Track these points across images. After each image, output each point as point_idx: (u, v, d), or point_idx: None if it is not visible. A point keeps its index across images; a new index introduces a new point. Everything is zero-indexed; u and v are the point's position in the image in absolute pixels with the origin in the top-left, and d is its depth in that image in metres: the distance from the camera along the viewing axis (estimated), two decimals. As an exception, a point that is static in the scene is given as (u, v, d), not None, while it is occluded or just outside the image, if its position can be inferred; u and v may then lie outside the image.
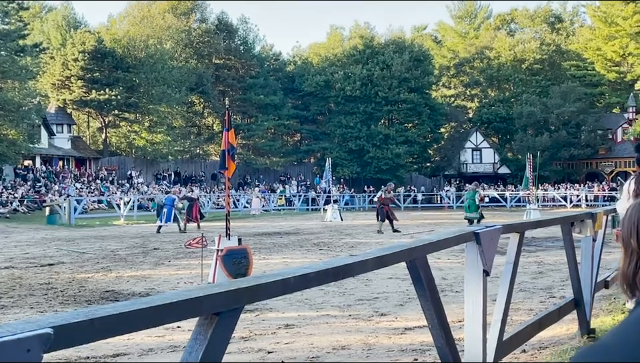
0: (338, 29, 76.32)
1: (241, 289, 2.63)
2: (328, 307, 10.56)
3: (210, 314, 2.49)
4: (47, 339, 1.86)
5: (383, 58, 66.77)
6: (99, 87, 55.49)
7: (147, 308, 2.24)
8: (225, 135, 14.60)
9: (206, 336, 2.47)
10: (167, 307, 2.29)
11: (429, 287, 4.33)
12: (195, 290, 2.54)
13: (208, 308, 2.46)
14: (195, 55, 66.46)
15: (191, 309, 2.41)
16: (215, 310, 2.48)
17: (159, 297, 2.37)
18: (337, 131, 66.76)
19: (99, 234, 28.32)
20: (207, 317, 2.49)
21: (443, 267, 14.65)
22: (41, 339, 1.84)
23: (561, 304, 7.55)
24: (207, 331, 2.48)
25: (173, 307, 2.31)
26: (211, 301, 2.45)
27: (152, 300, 2.33)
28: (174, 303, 2.32)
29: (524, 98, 67.74)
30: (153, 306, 2.25)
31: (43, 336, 1.85)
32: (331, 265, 3.33)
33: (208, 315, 2.49)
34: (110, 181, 53.76)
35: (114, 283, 13.56)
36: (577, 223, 7.74)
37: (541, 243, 20.66)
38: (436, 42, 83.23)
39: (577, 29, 77.59)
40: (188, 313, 2.42)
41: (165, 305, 2.29)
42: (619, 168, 62.90)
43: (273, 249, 20.68)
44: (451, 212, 51.79)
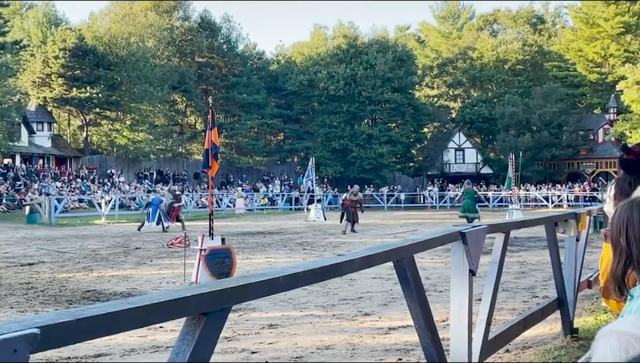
0: (321, 29, 76.32)
1: (229, 289, 2.60)
2: (312, 307, 10.54)
3: (198, 314, 2.46)
4: (34, 339, 1.83)
5: (366, 58, 66.85)
6: (79, 84, 55.09)
7: (134, 308, 2.21)
8: (208, 134, 14.54)
9: (194, 336, 2.44)
10: (154, 307, 2.27)
11: (415, 286, 4.32)
12: (182, 290, 2.51)
13: (196, 308, 2.43)
14: (178, 53, 66.18)
15: (179, 309, 2.38)
16: (202, 310, 2.45)
17: (146, 297, 2.34)
18: (320, 131, 66.76)
19: (80, 233, 28.13)
20: (195, 317, 2.47)
21: (426, 267, 14.66)
22: (27, 340, 1.81)
23: (544, 304, 7.58)
24: (195, 331, 2.45)
25: (160, 307, 2.28)
26: (199, 302, 2.43)
27: (139, 300, 2.30)
28: (161, 303, 2.29)
29: (506, 98, 68.04)
30: (140, 306, 2.22)
31: (30, 336, 1.82)
32: (319, 264, 3.31)
33: (195, 315, 2.46)
34: (91, 179, 53.44)
35: (95, 283, 13.46)
36: (561, 223, 7.77)
37: (523, 243, 20.75)
38: (419, 42, 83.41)
39: (558, 30, 78.07)
40: (176, 313, 2.39)
41: (152, 305, 2.26)
42: (600, 168, 63.36)
43: (257, 248, 20.63)
44: (434, 212, 51.96)
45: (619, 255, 2.62)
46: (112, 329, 2.21)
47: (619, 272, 2.63)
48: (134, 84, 57.35)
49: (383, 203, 59.17)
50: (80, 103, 56.18)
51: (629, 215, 2.57)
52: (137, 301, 2.28)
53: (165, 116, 63.85)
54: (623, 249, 2.58)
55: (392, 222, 35.07)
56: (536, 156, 62.75)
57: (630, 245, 2.54)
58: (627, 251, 2.57)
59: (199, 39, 65.80)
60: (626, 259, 2.59)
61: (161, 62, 61.60)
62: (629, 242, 2.55)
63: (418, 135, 72.53)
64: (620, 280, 2.63)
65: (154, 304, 2.26)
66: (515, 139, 62.47)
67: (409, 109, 67.85)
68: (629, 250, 2.56)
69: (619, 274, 2.62)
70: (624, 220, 2.58)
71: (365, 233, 27.24)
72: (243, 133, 66.29)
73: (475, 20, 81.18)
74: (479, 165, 69.12)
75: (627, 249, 2.56)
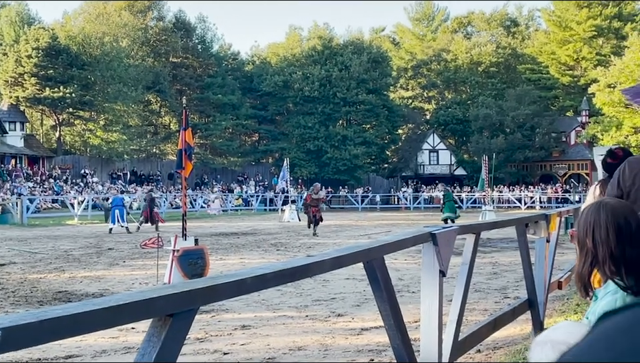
0: (297, 29, 76.28)
1: (196, 290, 2.59)
2: (285, 308, 10.54)
3: (164, 315, 2.45)
4: (-5, 340, 1.81)
5: (341, 59, 66.93)
6: (53, 84, 54.59)
7: (98, 309, 2.19)
8: (181, 135, 14.47)
9: (159, 338, 2.42)
10: (119, 308, 2.25)
11: (385, 287, 4.33)
12: (148, 291, 2.49)
13: (161, 309, 2.42)
14: (152, 53, 65.83)
15: (144, 310, 2.36)
16: (168, 311, 2.44)
17: (111, 298, 2.32)
18: (295, 132, 66.72)
19: (52, 234, 27.90)
20: (161, 318, 2.45)
21: (399, 267, 14.71)
22: (-12, 341, 1.79)
23: (515, 305, 7.63)
24: (161, 332, 2.43)
25: (125, 308, 2.26)
26: (165, 303, 2.41)
27: (104, 301, 2.28)
28: (127, 305, 2.27)
29: (480, 100, 68.43)
30: (104, 307, 2.21)
31: (-9, 338, 1.80)
32: (287, 265, 3.30)
33: (161, 316, 2.45)
34: (64, 180, 52.99)
35: (67, 284, 13.36)
36: (532, 224, 7.83)
37: (495, 244, 20.88)
38: (394, 44, 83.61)
39: (532, 32, 78.64)
40: (141, 314, 2.37)
41: (117, 306, 2.24)
42: (572, 170, 63.97)
43: (230, 249, 20.57)
44: (408, 213, 52.13)
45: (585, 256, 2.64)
46: (76, 330, 2.20)
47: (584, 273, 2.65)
48: (108, 84, 56.94)
49: (358, 204, 59.30)
50: (53, 102, 55.67)
51: (595, 217, 2.60)
52: (102, 302, 2.27)
53: (138, 116, 63.46)
54: (589, 250, 2.61)
55: (366, 223, 35.13)
56: (509, 158, 63.17)
57: (596, 246, 2.57)
58: (593, 252, 2.59)
59: (174, 39, 65.51)
60: (592, 260, 2.62)
61: (135, 62, 61.22)
62: (595, 243, 2.58)
63: (392, 136, 72.72)
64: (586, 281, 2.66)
65: (119, 305, 2.24)
66: (489, 141, 62.85)
67: (384, 111, 68.04)
68: (594, 251, 2.59)
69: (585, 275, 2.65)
70: (590, 221, 2.61)
71: (339, 234, 27.27)
72: (218, 134, 66.06)
73: (450, 22, 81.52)
74: (452, 166, 69.45)
75: (593, 250, 2.59)
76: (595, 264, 2.59)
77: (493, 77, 73.03)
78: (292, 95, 66.75)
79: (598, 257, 2.56)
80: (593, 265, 2.61)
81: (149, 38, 65.40)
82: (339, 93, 65.56)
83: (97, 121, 59.41)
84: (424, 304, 5.06)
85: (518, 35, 78.26)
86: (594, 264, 2.60)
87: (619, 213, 2.54)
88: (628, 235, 2.50)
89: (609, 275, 2.54)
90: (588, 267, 2.63)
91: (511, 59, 74.28)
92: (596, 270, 2.61)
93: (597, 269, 2.59)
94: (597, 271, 2.60)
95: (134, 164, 61.92)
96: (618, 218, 2.52)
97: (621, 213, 2.54)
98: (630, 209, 2.64)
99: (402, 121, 73.51)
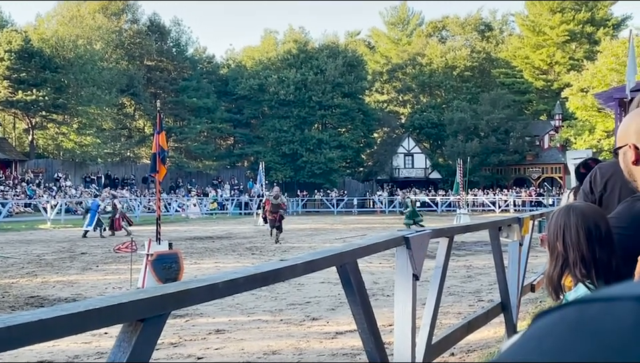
0: (272, 33, 76.19)
1: (167, 294, 2.57)
2: (259, 312, 10.51)
3: (134, 320, 2.43)
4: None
5: (316, 63, 66.95)
6: (25, 87, 54.04)
7: (68, 315, 2.17)
8: (155, 138, 14.42)
9: (130, 343, 2.41)
10: (89, 313, 2.23)
11: (359, 291, 4.34)
12: (119, 296, 2.47)
13: (132, 314, 2.40)
14: (126, 56, 65.42)
15: (115, 315, 2.34)
16: (139, 317, 2.42)
17: (80, 304, 2.30)
18: (270, 135, 66.62)
19: (25, 238, 27.61)
20: (132, 323, 2.43)
21: (374, 271, 14.74)
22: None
23: (488, 308, 7.67)
24: (132, 338, 2.42)
25: (95, 313, 2.24)
26: (135, 308, 2.39)
27: (73, 307, 2.26)
28: (97, 310, 2.25)
29: (455, 104, 68.79)
30: (74, 313, 2.18)
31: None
32: (260, 270, 3.30)
33: (132, 321, 2.43)
34: (37, 183, 52.46)
35: (39, 289, 13.23)
36: (505, 227, 7.87)
37: (470, 247, 20.98)
38: (369, 48, 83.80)
39: (506, 37, 79.25)
40: (111, 319, 2.35)
41: (87, 311, 2.22)
42: (545, 174, 64.50)
43: (205, 253, 20.49)
44: (383, 216, 52.24)
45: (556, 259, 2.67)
46: (46, 336, 2.17)
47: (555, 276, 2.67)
48: (81, 87, 56.49)
49: (333, 208, 59.38)
50: (26, 105, 55.09)
51: (565, 220, 2.62)
52: (72, 307, 2.24)
53: (112, 120, 62.99)
54: (560, 253, 2.63)
55: (341, 226, 35.16)
56: (483, 161, 63.55)
57: (567, 249, 2.59)
58: (563, 255, 2.61)
59: (148, 42, 65.17)
60: (562, 263, 2.64)
61: (109, 65, 60.81)
62: (565, 246, 2.60)
63: (368, 140, 72.86)
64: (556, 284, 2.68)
65: (89, 310, 2.22)
66: (463, 145, 63.19)
67: (359, 114, 68.17)
68: (565, 254, 2.61)
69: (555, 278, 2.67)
70: (560, 225, 2.63)
71: (314, 238, 27.27)
72: (193, 137, 65.79)
73: (424, 26, 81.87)
74: (427, 170, 69.70)
75: (563, 254, 2.61)
76: (565, 267, 2.61)
77: (467, 81, 73.47)
78: (267, 98, 66.65)
79: (569, 260, 2.59)
80: (563, 268, 2.63)
81: (123, 41, 65.01)
82: (314, 97, 65.58)
83: (71, 124, 58.91)
84: (397, 308, 5.07)
85: (492, 39, 78.82)
86: (565, 267, 2.62)
87: (589, 216, 2.56)
88: (598, 237, 2.53)
89: (579, 277, 2.56)
90: (558, 271, 2.65)
91: (485, 63, 74.78)
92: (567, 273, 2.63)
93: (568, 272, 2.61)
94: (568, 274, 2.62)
95: (108, 168, 61.47)
96: (588, 221, 2.54)
97: (590, 216, 2.57)
98: (599, 212, 2.66)
99: (377, 125, 73.67)
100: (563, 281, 2.67)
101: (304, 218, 48.17)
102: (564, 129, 57.83)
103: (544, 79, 71.31)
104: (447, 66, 72.97)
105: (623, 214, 2.70)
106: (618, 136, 2.52)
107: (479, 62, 74.09)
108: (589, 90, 48.64)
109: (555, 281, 2.69)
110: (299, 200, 60.59)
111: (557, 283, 2.68)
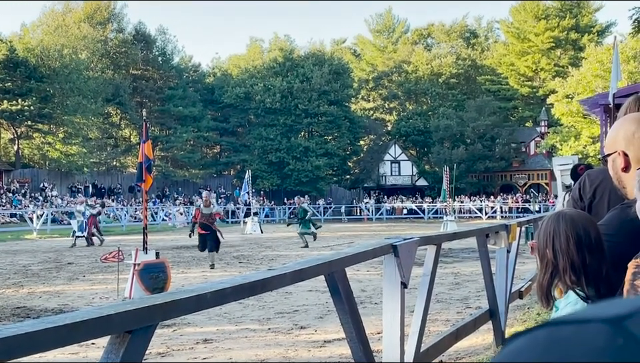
0: (258, 41, 76.19)
1: (155, 305, 2.55)
2: (247, 321, 10.47)
3: (122, 332, 2.41)
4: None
5: (302, 71, 67.01)
6: (10, 97, 53.78)
7: (55, 327, 2.15)
8: (141, 147, 14.38)
9: (118, 355, 2.39)
10: (76, 325, 2.21)
11: (347, 300, 4.33)
12: (106, 307, 2.45)
13: (119, 326, 2.38)
14: (112, 65, 65.25)
15: (102, 327, 2.32)
16: (127, 328, 2.40)
17: (67, 316, 2.28)
18: (256, 143, 66.60)
19: (11, 249, 27.42)
20: (119, 335, 2.41)
21: (362, 279, 14.72)
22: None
23: (476, 315, 7.67)
24: (119, 349, 2.40)
25: (82, 325, 2.22)
26: (123, 319, 2.37)
27: (60, 319, 2.24)
28: (83, 322, 2.23)
29: (441, 111, 69.00)
30: (61, 325, 2.16)
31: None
32: (247, 279, 3.28)
33: (120, 333, 2.41)
34: (22, 193, 52.15)
35: (26, 300, 13.13)
36: (492, 234, 7.88)
37: (457, 254, 21.00)
38: (355, 55, 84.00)
39: (491, 44, 79.67)
40: (98, 331, 2.33)
41: (74, 323, 2.20)
42: (531, 180, 64.79)
43: (192, 262, 20.42)
44: (370, 224, 52.25)
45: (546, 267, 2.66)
46: (32, 349, 2.15)
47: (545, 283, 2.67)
48: (67, 96, 56.27)
49: (320, 216, 59.35)
50: (11, 115, 54.83)
51: (555, 227, 2.61)
52: (58, 320, 2.22)
53: (98, 129, 62.76)
54: (550, 260, 2.63)
55: (329, 234, 35.10)
56: (470, 168, 63.75)
57: (556, 256, 2.58)
58: (553, 262, 2.61)
59: (134, 51, 65.04)
60: (552, 271, 2.63)
61: (94, 74, 60.61)
62: (555, 254, 2.59)
63: (354, 147, 72.98)
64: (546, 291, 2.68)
65: (76, 323, 2.20)
66: (450, 152, 63.39)
67: (345, 122, 68.29)
68: (555, 261, 2.60)
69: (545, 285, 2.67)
70: (550, 232, 2.63)
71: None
72: (179, 146, 65.66)
73: (410, 34, 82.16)
74: (414, 177, 69.85)
75: (553, 261, 2.61)
76: (555, 274, 2.61)
77: (453, 88, 73.75)
78: (253, 106, 66.66)
79: (559, 267, 2.58)
80: (553, 276, 2.62)
81: (109, 50, 64.85)
82: (300, 105, 65.63)
83: (56, 134, 58.65)
84: (386, 316, 5.06)
85: (477, 46, 79.20)
86: (555, 274, 2.62)
87: (578, 223, 2.56)
88: (588, 244, 2.52)
89: (569, 285, 2.56)
90: (548, 278, 2.64)
91: (470, 70, 75.11)
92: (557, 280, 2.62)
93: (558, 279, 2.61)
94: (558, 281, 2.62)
95: (94, 177, 61.19)
96: (577, 228, 2.54)
97: (580, 223, 2.56)
98: (589, 219, 2.66)
99: (363, 133, 73.80)
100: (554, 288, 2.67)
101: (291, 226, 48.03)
102: (550, 135, 58.11)
103: (529, 85, 71.70)
104: (433, 73, 73.22)
105: (611, 221, 2.71)
106: (607, 143, 2.53)
107: (464, 69, 74.39)
108: (574, 96, 48.92)
109: (545, 289, 2.68)
110: (286, 208, 60.53)
111: (547, 290, 2.68)
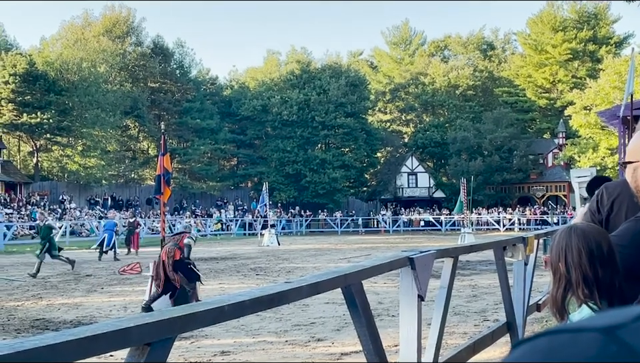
0: (275, 54, 76.47)
1: (174, 318, 2.58)
2: (264, 333, 10.49)
3: (141, 344, 2.44)
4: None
5: (319, 83, 67.11)
6: (30, 110, 54.27)
7: (76, 340, 2.19)
8: (160, 160, 14.49)
9: (137, 367, 2.42)
10: (96, 338, 2.24)
11: (364, 313, 4.34)
12: (125, 320, 2.49)
13: (138, 339, 2.41)
14: (130, 78, 65.72)
15: (122, 339, 2.36)
16: (146, 341, 2.43)
17: (87, 328, 2.32)
18: (273, 156, 66.72)
19: (30, 261, 27.56)
20: (138, 348, 2.44)
21: (379, 291, 14.71)
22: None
23: (494, 328, 7.65)
24: (138, 361, 2.43)
25: (102, 338, 2.26)
26: (142, 332, 2.40)
27: (81, 331, 2.27)
28: (104, 334, 2.26)
29: (458, 123, 68.85)
30: (81, 337, 2.20)
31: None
32: (265, 292, 3.31)
33: (139, 345, 2.44)
34: (41, 206, 52.52)
35: (45, 312, 13.22)
36: (509, 247, 7.86)
37: (475, 267, 20.92)
38: (372, 67, 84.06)
39: (508, 56, 79.46)
40: (118, 344, 2.37)
41: (94, 336, 2.24)
42: (549, 192, 64.41)
43: (209, 274, 20.46)
44: (387, 236, 52.17)
45: (559, 281, 2.67)
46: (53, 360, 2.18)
47: (558, 297, 2.68)
48: (85, 109, 56.71)
49: (337, 228, 59.33)
50: (30, 128, 55.34)
51: (567, 241, 2.62)
52: (79, 332, 2.26)
53: (117, 141, 63.17)
54: (562, 274, 2.64)
55: (346, 246, 35.10)
56: (487, 180, 63.51)
57: (569, 270, 2.59)
58: (566, 276, 2.62)
59: (152, 64, 65.45)
60: (565, 284, 2.64)
61: (113, 87, 61.08)
62: (568, 267, 2.60)
63: (371, 159, 72.90)
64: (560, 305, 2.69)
65: (96, 335, 2.24)
66: (467, 164, 63.19)
67: (362, 134, 68.25)
68: (568, 275, 2.61)
69: (559, 299, 2.67)
70: (563, 246, 2.64)
71: (319, 258, 27.21)
72: (196, 158, 65.93)
73: (427, 46, 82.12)
74: (431, 189, 69.64)
75: (566, 275, 2.62)
76: (569, 288, 2.62)
77: (470, 100, 73.57)
78: (270, 119, 66.80)
79: (571, 280, 2.59)
80: (566, 290, 2.63)
81: (127, 63, 65.31)
82: (317, 117, 65.70)
83: (75, 146, 59.10)
84: (403, 329, 5.07)
85: (494, 58, 79.01)
86: (568, 288, 2.62)
87: (591, 236, 2.57)
88: (600, 258, 2.53)
89: (582, 298, 2.56)
90: (562, 292, 2.65)
91: (487, 82, 74.94)
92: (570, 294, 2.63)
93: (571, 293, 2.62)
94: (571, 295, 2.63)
95: (112, 190, 61.56)
96: (589, 241, 2.55)
97: (592, 236, 2.58)
98: (601, 232, 2.67)
99: (380, 145, 73.70)
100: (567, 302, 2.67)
101: (308, 238, 48.13)
102: (568, 147, 57.88)
103: (547, 97, 71.47)
104: (450, 85, 73.11)
105: (625, 233, 2.72)
106: (629, 151, 2.55)
107: (481, 81, 74.25)
108: (592, 108, 48.75)
109: (558, 303, 2.69)
110: (303, 220, 60.53)
111: (561, 304, 2.68)
